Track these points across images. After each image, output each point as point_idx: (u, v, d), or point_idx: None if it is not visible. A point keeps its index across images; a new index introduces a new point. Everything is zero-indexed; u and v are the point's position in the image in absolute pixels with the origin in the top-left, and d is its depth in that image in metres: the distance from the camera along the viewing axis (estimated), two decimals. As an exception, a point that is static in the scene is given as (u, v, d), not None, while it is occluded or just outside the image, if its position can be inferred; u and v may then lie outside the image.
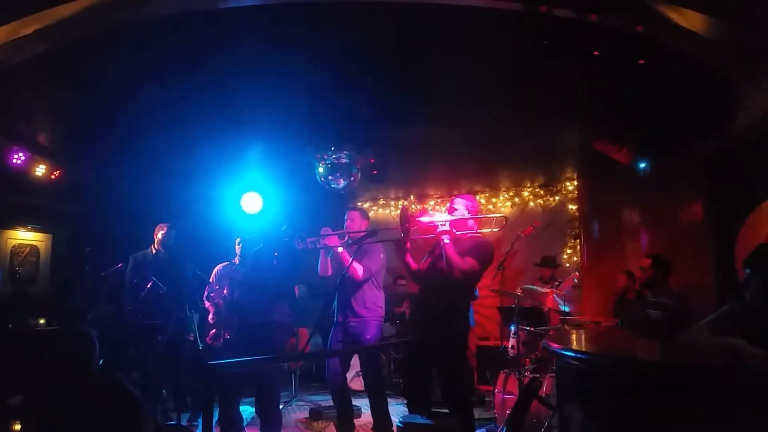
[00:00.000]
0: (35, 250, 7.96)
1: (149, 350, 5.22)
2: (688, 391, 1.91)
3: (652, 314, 4.73)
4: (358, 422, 5.20)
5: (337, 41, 3.78)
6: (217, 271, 5.37)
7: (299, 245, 4.40)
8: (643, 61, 3.84)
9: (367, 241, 4.16)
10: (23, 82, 4.26)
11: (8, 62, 3.84)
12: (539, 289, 5.92)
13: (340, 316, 4.52)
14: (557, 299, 5.66)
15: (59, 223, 8.10)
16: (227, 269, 5.35)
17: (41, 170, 6.12)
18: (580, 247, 7.51)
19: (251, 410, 5.03)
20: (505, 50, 3.81)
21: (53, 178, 6.31)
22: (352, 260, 4.18)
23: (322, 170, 5.90)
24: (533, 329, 5.09)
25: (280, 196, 5.26)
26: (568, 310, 5.62)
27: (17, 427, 2.74)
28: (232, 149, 5.82)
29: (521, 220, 7.57)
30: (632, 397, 2.04)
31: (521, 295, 5.41)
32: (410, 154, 6.50)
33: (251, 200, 4.92)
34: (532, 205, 8.19)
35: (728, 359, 2.19)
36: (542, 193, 8.14)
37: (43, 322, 6.41)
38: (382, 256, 4.59)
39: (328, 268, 4.57)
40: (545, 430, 4.24)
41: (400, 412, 4.61)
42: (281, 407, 5.22)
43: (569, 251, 7.75)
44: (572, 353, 2.44)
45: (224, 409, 4.22)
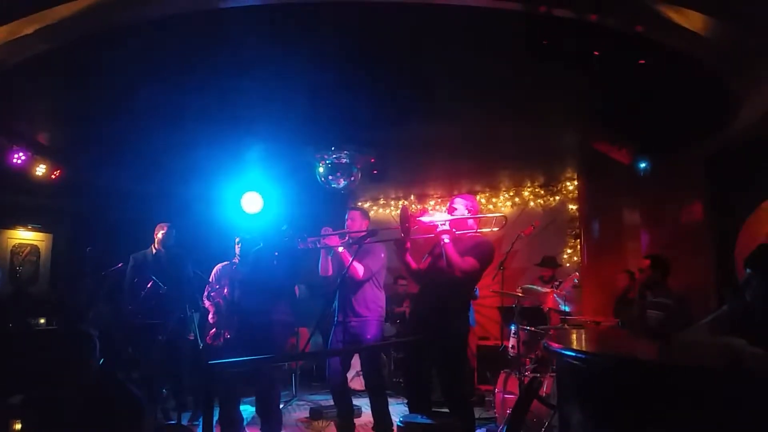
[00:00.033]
0: (35, 249, 7.97)
1: (149, 350, 5.21)
2: (688, 391, 1.92)
3: (652, 314, 4.74)
4: (358, 422, 5.20)
5: (337, 41, 3.77)
6: (216, 270, 5.38)
7: (300, 245, 4.40)
8: (642, 61, 3.84)
9: (367, 240, 4.16)
10: (24, 81, 4.25)
11: (9, 62, 3.83)
12: (539, 288, 5.93)
13: (340, 315, 4.52)
14: (557, 299, 5.67)
15: (59, 222, 8.10)
16: (227, 269, 5.36)
17: (41, 170, 6.11)
18: (580, 247, 7.51)
19: (251, 410, 5.03)
20: (505, 50, 3.81)
21: (53, 177, 6.30)
22: (352, 260, 4.19)
23: (322, 170, 5.90)
24: (533, 329, 5.09)
25: (280, 196, 5.26)
26: (568, 309, 5.63)
27: (17, 426, 2.74)
28: (232, 149, 5.82)
29: (521, 219, 7.57)
30: (632, 397, 2.05)
31: (521, 295, 5.41)
32: (410, 153, 6.50)
33: (251, 200, 4.93)
34: (532, 205, 8.19)
35: (728, 359, 2.19)
36: (542, 193, 8.14)
37: (43, 321, 6.42)
38: (382, 255, 4.59)
39: (328, 267, 4.57)
40: (545, 429, 4.24)
41: (400, 411, 4.61)
42: (281, 407, 5.22)
43: (569, 251, 7.75)
44: (572, 353, 2.44)
45: (225, 408, 4.22)
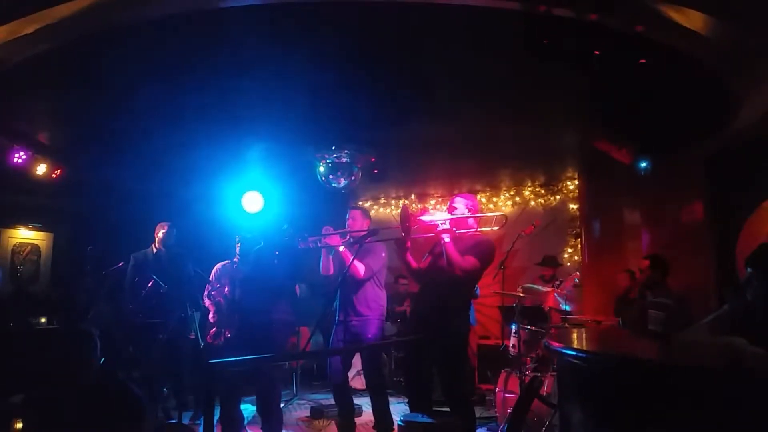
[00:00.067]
0: (36, 248, 7.97)
1: (150, 349, 5.22)
2: (688, 390, 1.92)
3: (652, 314, 4.73)
4: (359, 421, 5.20)
5: (337, 41, 3.77)
6: (216, 270, 5.38)
7: (301, 244, 4.40)
8: (643, 60, 3.84)
9: (368, 240, 4.16)
10: (24, 81, 4.25)
11: (9, 61, 3.83)
12: (540, 288, 5.93)
13: (341, 314, 4.52)
14: (558, 298, 5.67)
15: (60, 221, 8.10)
16: (227, 268, 5.36)
17: (42, 169, 6.11)
18: (581, 246, 7.51)
19: (252, 409, 5.04)
20: (505, 50, 3.81)
21: (54, 177, 6.30)
22: (353, 259, 4.19)
23: (322, 169, 5.90)
24: (534, 328, 5.09)
25: (280, 195, 5.26)
26: (569, 309, 5.63)
27: (18, 425, 2.74)
28: (232, 148, 5.82)
29: (522, 219, 7.57)
30: (633, 396, 2.05)
31: (522, 294, 5.42)
32: (411, 153, 6.50)
33: (252, 199, 4.92)
34: (532, 204, 8.19)
35: (729, 359, 2.19)
36: (543, 192, 8.14)
37: (44, 320, 6.41)
38: (383, 254, 4.59)
39: (329, 267, 4.57)
40: (546, 428, 4.25)
41: (401, 410, 4.61)
42: (282, 406, 5.23)
43: (570, 250, 7.75)
44: (573, 352, 2.44)
45: (225, 407, 4.22)
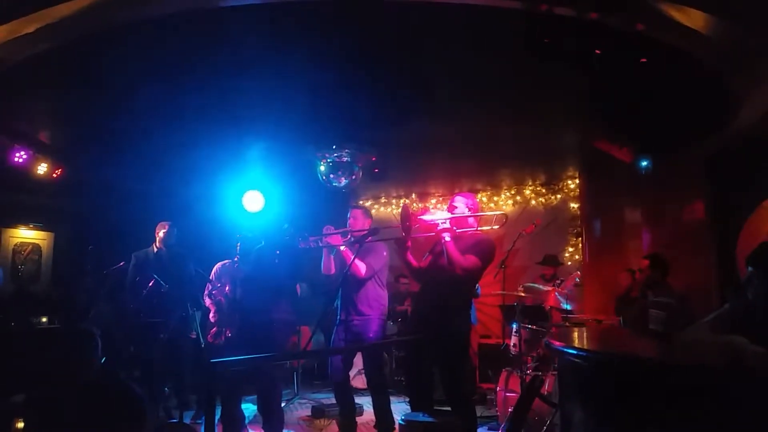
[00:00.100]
0: (37, 248, 7.98)
1: (151, 348, 5.22)
2: (689, 389, 1.92)
3: (653, 313, 4.73)
4: (360, 420, 5.20)
5: (337, 40, 3.77)
6: (216, 269, 5.37)
7: (302, 244, 4.40)
8: (644, 60, 3.84)
9: (369, 239, 4.16)
10: (24, 80, 4.26)
11: (10, 60, 3.84)
12: (541, 287, 5.93)
13: (343, 314, 4.52)
14: (559, 297, 5.67)
15: (61, 221, 8.11)
16: (227, 267, 5.35)
17: (43, 169, 6.12)
18: (581, 245, 7.51)
19: (253, 408, 5.04)
20: (506, 49, 3.80)
21: (55, 176, 6.31)
22: (354, 258, 4.18)
23: (323, 169, 5.90)
24: (535, 327, 5.09)
25: (281, 194, 5.26)
26: (569, 308, 5.64)
27: (20, 425, 2.75)
28: (233, 148, 5.82)
29: (523, 218, 7.57)
30: (634, 395, 2.05)
31: (523, 293, 5.41)
32: (412, 152, 6.49)
33: (253, 199, 4.92)
34: (533, 203, 8.18)
35: (730, 358, 2.19)
36: (544, 191, 8.14)
37: (45, 320, 6.42)
38: (385, 254, 4.58)
39: (331, 266, 4.57)
40: (547, 427, 4.25)
41: (402, 410, 4.61)
42: (283, 405, 5.22)
43: (571, 249, 7.74)
44: (574, 351, 2.44)
45: (226, 407, 4.22)
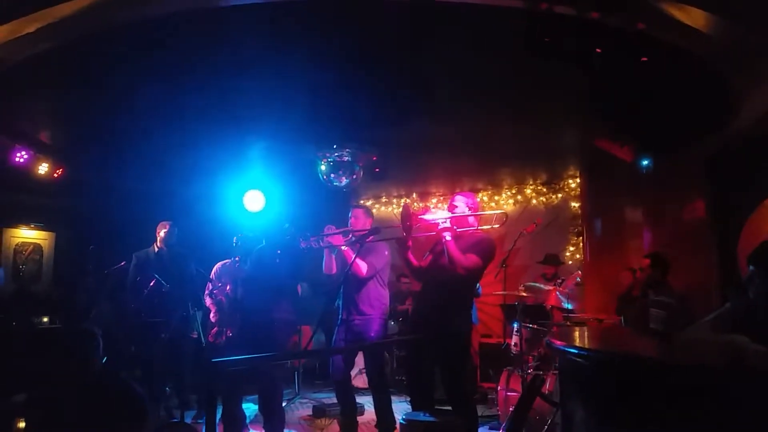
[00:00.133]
0: (38, 248, 7.98)
1: (152, 348, 5.22)
2: (690, 388, 1.91)
3: (654, 312, 4.72)
4: (361, 419, 5.20)
5: (337, 40, 3.77)
6: (217, 268, 5.38)
7: (302, 243, 4.40)
8: (644, 59, 3.83)
9: (370, 238, 4.16)
10: (25, 80, 4.26)
11: (10, 60, 3.84)
12: (542, 286, 5.93)
13: (344, 313, 4.52)
14: (560, 297, 5.67)
15: (62, 221, 8.10)
16: (228, 267, 5.35)
17: (44, 168, 6.12)
18: (582, 244, 7.51)
19: (254, 408, 5.04)
20: (506, 48, 3.80)
21: (56, 176, 6.31)
22: (355, 257, 4.18)
23: (324, 168, 5.90)
24: (536, 326, 5.09)
25: (282, 194, 5.26)
26: (570, 307, 5.63)
27: (21, 424, 2.75)
28: (234, 147, 5.82)
29: (524, 217, 7.58)
30: (634, 394, 2.05)
31: (524, 293, 5.41)
32: (412, 152, 6.49)
33: (253, 198, 4.92)
34: (534, 202, 8.19)
35: (730, 357, 2.19)
36: (545, 190, 8.14)
37: (46, 320, 6.43)
38: (386, 253, 4.58)
39: (332, 266, 4.57)
40: (548, 427, 4.25)
41: (403, 409, 4.62)
42: (284, 405, 5.22)
43: (572, 249, 7.74)
44: (575, 350, 2.44)
45: (227, 406, 4.22)
